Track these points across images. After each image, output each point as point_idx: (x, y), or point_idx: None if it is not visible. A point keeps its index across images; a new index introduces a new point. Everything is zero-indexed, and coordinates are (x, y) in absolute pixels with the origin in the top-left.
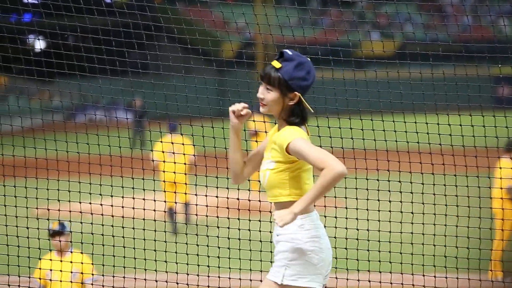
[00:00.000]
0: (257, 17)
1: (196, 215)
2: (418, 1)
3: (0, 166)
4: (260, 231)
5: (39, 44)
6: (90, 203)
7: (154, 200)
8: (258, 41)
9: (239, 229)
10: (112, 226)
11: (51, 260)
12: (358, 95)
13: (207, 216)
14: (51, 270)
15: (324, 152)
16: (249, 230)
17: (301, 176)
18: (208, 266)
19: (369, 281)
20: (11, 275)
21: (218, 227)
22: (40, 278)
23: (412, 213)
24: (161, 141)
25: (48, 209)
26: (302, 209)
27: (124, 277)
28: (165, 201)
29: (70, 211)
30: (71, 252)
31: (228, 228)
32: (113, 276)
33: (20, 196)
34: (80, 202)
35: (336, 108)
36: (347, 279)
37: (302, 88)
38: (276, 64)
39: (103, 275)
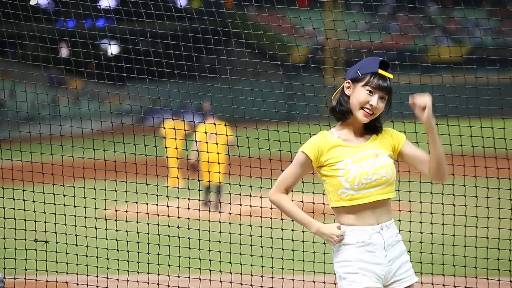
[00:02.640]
0: (325, 22)
1: (261, 217)
2: (487, 7)
3: (70, 168)
4: None
5: (111, 49)
6: (156, 205)
7: (219, 203)
8: (326, 46)
9: (303, 231)
10: (178, 227)
11: None
12: None
13: (271, 218)
14: None
15: None
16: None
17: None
18: (272, 268)
19: (432, 284)
20: (79, 274)
21: (282, 229)
22: None
23: (476, 217)
24: (204, 123)
25: (116, 210)
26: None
27: (189, 277)
28: (198, 180)
29: (137, 212)
30: None
31: (292, 230)
32: (179, 277)
33: (89, 197)
34: (147, 204)
35: (401, 113)
36: None
37: None
38: (390, 74)
39: (168, 276)
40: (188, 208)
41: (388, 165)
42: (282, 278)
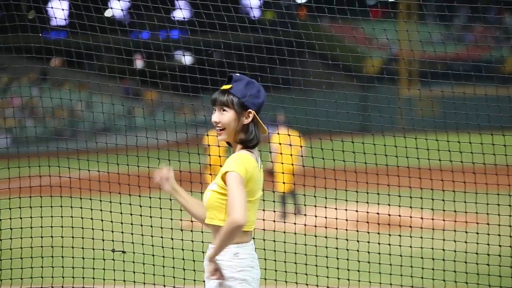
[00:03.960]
0: (399, 33)
1: (336, 229)
2: None
3: (146, 178)
4: (400, 245)
5: (185, 60)
6: None
7: (305, 214)
8: (400, 57)
9: (379, 244)
10: (253, 238)
11: None
12: (501, 111)
13: (346, 230)
14: None
15: (239, 201)
16: (389, 244)
17: None
18: (348, 280)
19: None
20: (157, 284)
21: (358, 241)
22: None
23: None
24: (278, 133)
25: (192, 221)
26: (215, 255)
27: None
28: (273, 191)
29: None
30: None
31: (368, 242)
32: None
33: (165, 208)
34: None
35: (478, 124)
36: None
37: (256, 105)
38: (226, 86)
39: None
40: (263, 219)
41: (207, 190)
42: None
